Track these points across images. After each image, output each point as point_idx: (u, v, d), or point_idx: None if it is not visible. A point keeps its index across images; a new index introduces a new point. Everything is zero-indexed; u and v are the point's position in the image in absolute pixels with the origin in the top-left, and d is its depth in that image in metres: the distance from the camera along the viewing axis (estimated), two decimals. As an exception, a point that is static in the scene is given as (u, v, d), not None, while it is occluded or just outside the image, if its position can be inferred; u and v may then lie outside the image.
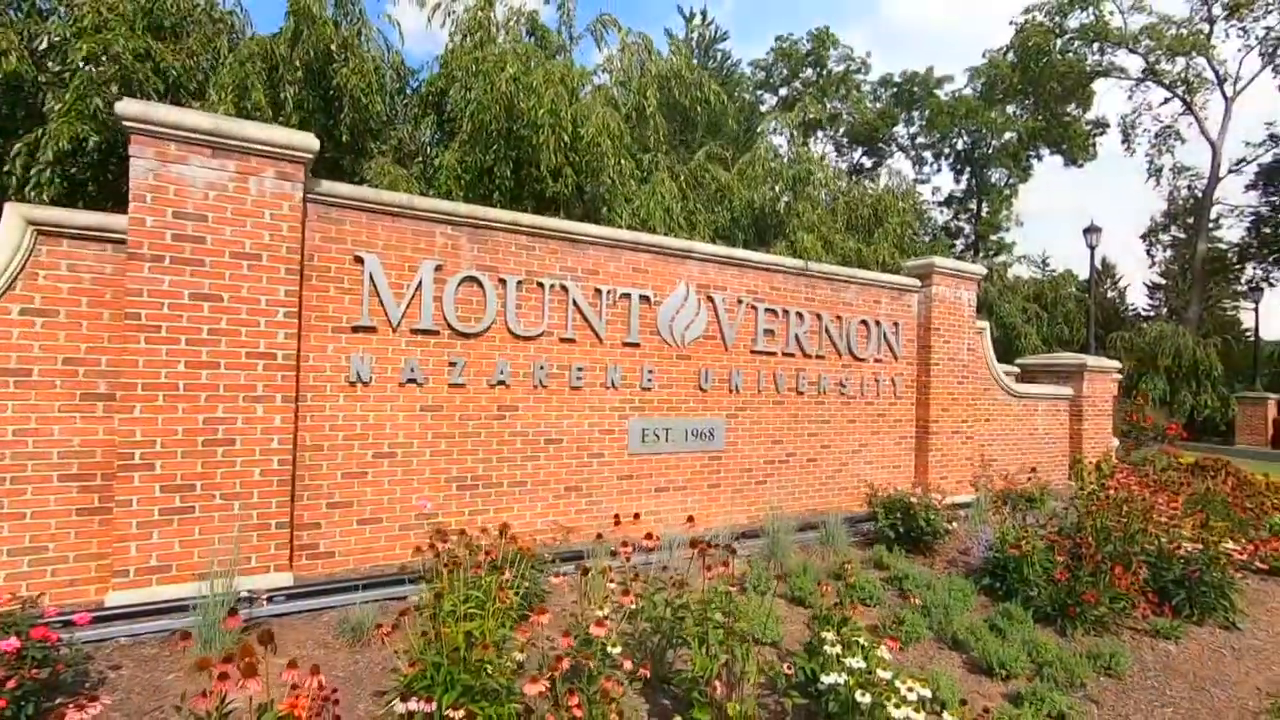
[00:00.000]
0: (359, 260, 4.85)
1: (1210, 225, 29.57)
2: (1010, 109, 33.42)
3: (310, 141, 4.48)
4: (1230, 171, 28.65)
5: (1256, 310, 24.48)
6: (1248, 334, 30.17)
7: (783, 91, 37.03)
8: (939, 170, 37.66)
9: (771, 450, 6.95)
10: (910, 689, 2.61)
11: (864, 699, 2.60)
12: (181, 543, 4.10)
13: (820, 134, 34.54)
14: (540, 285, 5.59)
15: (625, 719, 2.44)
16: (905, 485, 7.61)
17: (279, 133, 4.42)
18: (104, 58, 4.54)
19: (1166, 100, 29.17)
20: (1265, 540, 6.16)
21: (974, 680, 3.68)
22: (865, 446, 7.71)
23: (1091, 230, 16.51)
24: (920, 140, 38.24)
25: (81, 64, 4.57)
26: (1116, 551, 4.76)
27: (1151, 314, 36.26)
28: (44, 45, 4.84)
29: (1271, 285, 29.53)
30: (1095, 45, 28.31)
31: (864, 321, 7.68)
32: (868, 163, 38.26)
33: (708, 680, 2.62)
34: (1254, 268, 30.16)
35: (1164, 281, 37.66)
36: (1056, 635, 4.28)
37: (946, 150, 37.26)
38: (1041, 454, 9.72)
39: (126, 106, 3.92)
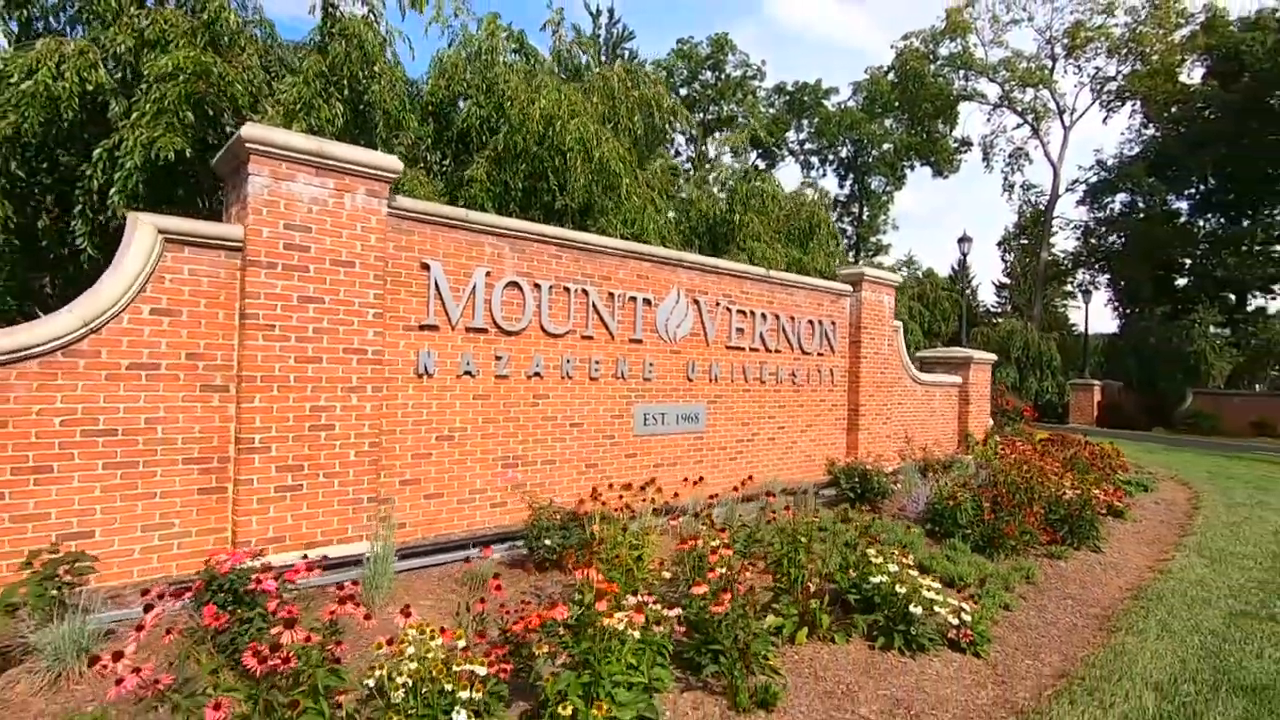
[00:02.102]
0: (425, 267, 5.49)
1: (1051, 234, 34.32)
2: (888, 122, 36.85)
3: (395, 163, 5.09)
4: (1066, 190, 33.47)
5: (1086, 309, 28.92)
6: (1075, 328, 35.34)
7: (683, 92, 38.64)
8: (824, 175, 40.72)
9: (742, 431, 8.14)
10: (932, 582, 3.83)
11: (901, 590, 3.78)
12: (292, 516, 4.66)
13: (718, 135, 36.43)
14: (566, 289, 6.41)
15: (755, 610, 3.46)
16: (841, 459, 9.06)
17: (370, 155, 5.01)
18: (187, 73, 4.83)
19: (1019, 125, 33.58)
20: (1114, 490, 8.15)
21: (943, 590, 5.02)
22: (811, 427, 9.09)
23: (964, 240, 19.09)
24: (809, 146, 41.05)
25: (158, 78, 4.84)
26: (1023, 499, 6.35)
27: (999, 310, 41.30)
28: (110, 56, 5.02)
29: (1097, 288, 34.78)
30: (961, 72, 31.99)
31: (810, 321, 9.03)
32: (762, 165, 40.67)
33: (799, 585, 3.69)
34: (1083, 273, 35.34)
35: (1009, 282, 42.97)
36: (987, 560, 5.74)
37: (832, 157, 40.28)
38: (939, 431, 11.61)
39: (250, 130, 4.41)
